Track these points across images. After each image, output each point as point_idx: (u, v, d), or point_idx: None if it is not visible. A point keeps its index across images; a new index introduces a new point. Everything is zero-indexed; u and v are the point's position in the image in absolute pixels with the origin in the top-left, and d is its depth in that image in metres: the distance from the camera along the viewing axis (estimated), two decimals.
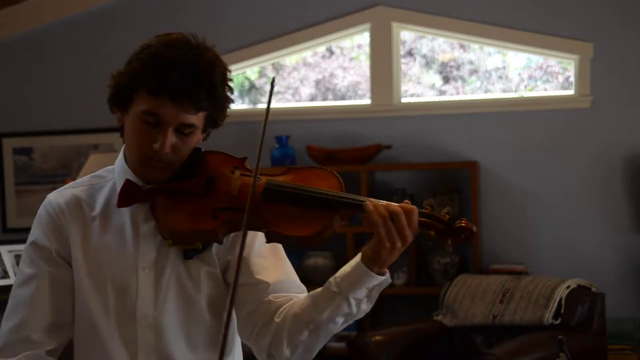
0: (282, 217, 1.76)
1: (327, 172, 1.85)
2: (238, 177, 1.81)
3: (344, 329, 5.49)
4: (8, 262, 4.80)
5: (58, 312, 1.82)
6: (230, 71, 1.83)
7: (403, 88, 5.39)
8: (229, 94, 1.82)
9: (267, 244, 1.84)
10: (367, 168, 5.03)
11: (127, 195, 1.82)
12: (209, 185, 1.81)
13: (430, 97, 5.44)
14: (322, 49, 5.62)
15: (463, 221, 1.78)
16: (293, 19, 5.37)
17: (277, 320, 1.80)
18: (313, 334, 1.78)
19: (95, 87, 5.70)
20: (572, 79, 5.18)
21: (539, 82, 5.34)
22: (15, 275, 1.90)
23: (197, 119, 1.78)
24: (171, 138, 1.76)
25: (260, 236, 1.84)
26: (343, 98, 5.59)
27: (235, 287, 1.62)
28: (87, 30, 5.71)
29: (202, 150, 1.87)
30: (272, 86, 1.76)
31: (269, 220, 1.75)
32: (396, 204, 1.73)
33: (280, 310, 1.82)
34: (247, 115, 5.43)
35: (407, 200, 1.76)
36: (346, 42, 5.60)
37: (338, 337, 5.05)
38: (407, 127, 5.22)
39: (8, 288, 4.44)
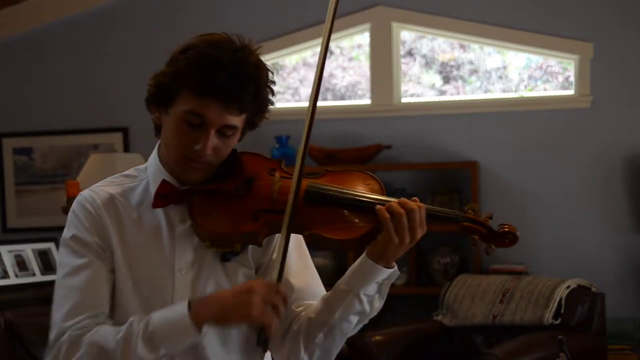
0: (324, 220, 1.75)
1: (367, 175, 1.85)
2: (279, 179, 1.80)
3: None
4: (8, 262, 4.80)
5: (108, 303, 1.79)
6: (273, 73, 1.82)
7: (403, 88, 5.39)
8: (271, 96, 1.81)
9: (295, 247, 1.84)
10: (367, 168, 5.03)
11: (163, 195, 1.79)
12: (249, 187, 1.79)
13: (430, 97, 5.44)
14: None
15: (506, 226, 1.80)
16: (293, 19, 5.37)
17: (294, 327, 1.81)
18: (328, 336, 1.78)
19: (95, 87, 5.72)
20: (572, 79, 5.18)
21: (539, 82, 5.34)
22: (20, 281, 1.86)
23: (239, 120, 1.77)
24: (213, 140, 1.75)
25: (293, 238, 1.82)
26: (343, 98, 5.59)
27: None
28: (87, 30, 5.71)
29: (238, 151, 1.86)
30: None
31: (309, 223, 1.74)
32: (411, 202, 1.74)
33: (298, 317, 1.82)
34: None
35: (415, 198, 1.77)
36: (346, 42, 5.60)
37: None
38: (407, 127, 5.23)
39: (8, 288, 4.44)
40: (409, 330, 4.54)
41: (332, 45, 5.59)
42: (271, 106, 1.83)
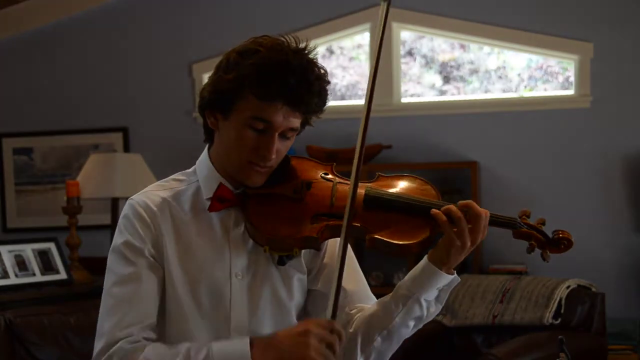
0: (384, 225, 1.74)
1: (422, 180, 1.86)
2: (336, 183, 1.80)
3: None
4: (8, 262, 4.80)
5: (157, 312, 1.77)
6: (327, 73, 1.81)
7: (403, 88, 5.39)
8: (329, 96, 1.82)
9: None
10: (367, 168, 5.03)
11: (221, 199, 1.78)
12: (307, 190, 1.79)
13: (430, 97, 5.44)
14: (322, 49, 5.62)
15: (561, 232, 1.84)
16: (293, 19, 5.37)
17: (350, 330, 1.80)
18: (386, 340, 1.79)
19: (95, 87, 5.72)
20: (572, 79, 5.18)
21: (539, 82, 5.34)
22: (20, 281, 1.84)
23: (299, 122, 1.78)
24: (277, 143, 1.75)
25: (340, 243, 1.83)
26: (343, 98, 5.59)
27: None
28: (87, 30, 5.71)
29: (289, 155, 1.86)
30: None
31: (369, 228, 1.73)
32: (475, 206, 1.74)
33: (353, 320, 1.82)
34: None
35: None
36: (346, 42, 5.60)
37: None
38: (407, 127, 5.23)
39: (8, 288, 4.44)
40: None
41: (332, 45, 5.59)
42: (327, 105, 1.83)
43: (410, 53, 5.49)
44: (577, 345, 3.99)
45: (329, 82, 1.79)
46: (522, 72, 5.36)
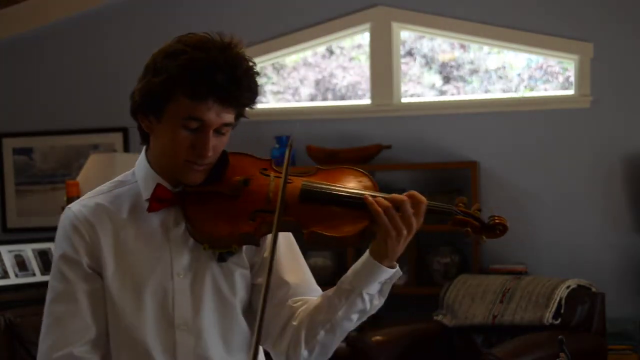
0: (320, 218, 1.75)
1: (360, 172, 1.86)
2: (273, 179, 1.80)
3: None
4: (8, 262, 4.80)
5: (99, 324, 1.79)
6: (256, 64, 1.82)
7: (403, 88, 5.39)
8: (259, 88, 1.83)
9: (286, 245, 1.85)
10: (367, 168, 5.02)
11: (159, 199, 1.80)
12: (245, 187, 1.79)
13: (430, 97, 5.44)
14: (322, 49, 5.62)
15: (496, 217, 1.84)
16: (293, 19, 5.37)
17: (294, 323, 1.82)
18: (330, 333, 1.80)
19: (95, 87, 5.72)
20: (572, 79, 5.18)
21: (539, 82, 5.34)
22: (20, 281, 1.88)
23: (233, 117, 1.79)
24: (212, 140, 1.76)
25: (283, 237, 1.84)
26: (343, 98, 5.59)
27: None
28: (87, 30, 5.71)
29: (227, 152, 1.86)
30: (290, 147, 1.75)
31: (306, 222, 1.75)
32: (403, 195, 1.75)
33: (297, 313, 1.83)
34: (249, 115, 5.42)
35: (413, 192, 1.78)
36: (346, 42, 5.60)
37: None
38: (407, 127, 5.22)
39: (8, 288, 4.44)
40: (409, 330, 4.54)
41: (332, 45, 5.59)
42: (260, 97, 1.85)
43: (410, 53, 5.49)
44: (577, 345, 3.99)
45: (258, 74, 1.80)
46: (522, 72, 5.36)
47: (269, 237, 1.78)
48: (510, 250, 5.06)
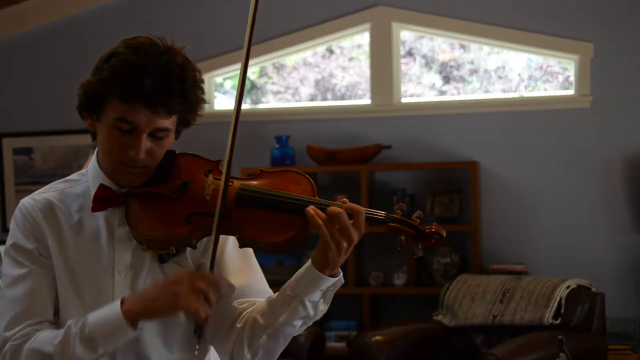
0: (255, 222, 1.75)
1: (300, 176, 1.84)
2: (211, 182, 1.80)
3: (344, 329, 5.45)
4: None
5: (52, 306, 1.82)
6: (200, 72, 1.82)
7: (403, 88, 5.39)
8: (201, 95, 1.82)
9: (236, 247, 1.84)
10: (367, 168, 5.03)
11: (102, 199, 1.82)
12: (184, 190, 1.80)
13: (430, 97, 5.44)
14: (322, 49, 5.62)
15: (433, 226, 1.79)
16: (293, 19, 5.37)
17: (238, 325, 1.82)
18: (272, 338, 1.80)
19: None
20: (572, 79, 5.18)
21: (539, 82, 5.34)
22: None
23: (170, 122, 1.78)
24: (146, 143, 1.76)
25: (232, 240, 1.85)
26: (343, 98, 5.59)
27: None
28: (87, 30, 5.71)
29: (177, 152, 1.86)
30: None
31: (241, 226, 1.75)
32: (340, 206, 1.72)
33: (242, 315, 1.84)
34: (248, 115, 5.43)
35: (344, 199, 1.76)
36: (346, 42, 5.60)
37: (338, 337, 5.05)
38: (407, 127, 5.22)
39: None
40: (409, 330, 4.54)
41: (332, 45, 5.59)
42: (205, 104, 1.85)
43: (410, 53, 5.49)
44: (577, 345, 3.99)
45: (197, 81, 1.80)
46: (522, 72, 5.36)
47: (221, 237, 1.79)
48: (510, 250, 5.06)
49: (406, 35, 5.44)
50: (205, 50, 5.37)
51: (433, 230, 1.78)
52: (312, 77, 5.64)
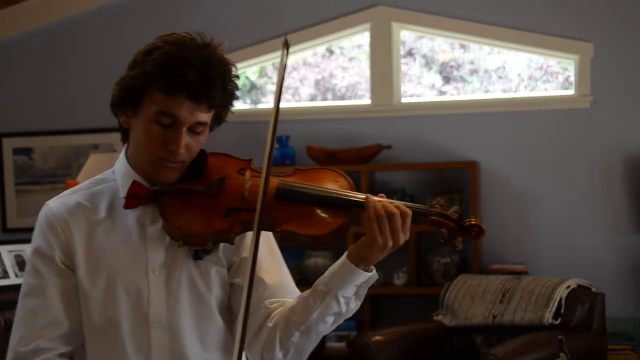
0: (295, 216, 1.77)
1: (336, 173, 1.87)
2: (249, 178, 1.81)
3: (344, 329, 5.44)
4: (8, 262, 4.80)
5: (71, 319, 1.81)
6: (237, 68, 1.84)
7: (403, 88, 5.39)
8: (237, 90, 1.84)
9: (266, 246, 1.86)
10: (367, 168, 5.03)
11: (135, 196, 1.81)
12: (220, 185, 1.81)
13: (430, 97, 5.44)
14: (322, 49, 5.62)
15: (472, 219, 1.84)
16: (293, 19, 5.37)
17: (269, 324, 1.82)
18: (304, 335, 1.80)
19: (96, 87, 5.71)
20: (572, 79, 5.18)
21: (539, 82, 5.34)
22: (20, 281, 1.88)
23: (208, 117, 1.79)
24: (186, 137, 1.77)
25: (263, 238, 1.84)
26: (343, 98, 5.59)
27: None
28: (86, 30, 5.71)
29: (207, 151, 1.87)
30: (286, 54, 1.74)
31: (281, 220, 1.76)
32: (394, 205, 1.75)
33: (273, 314, 1.83)
34: (248, 115, 5.43)
35: (382, 194, 1.78)
36: (346, 42, 5.60)
37: (338, 337, 5.05)
38: (407, 127, 5.22)
39: (8, 288, 4.44)
40: (409, 330, 4.54)
41: (332, 45, 5.59)
42: (237, 100, 1.86)
43: (410, 53, 5.49)
44: (577, 345, 3.99)
45: (236, 77, 1.82)
46: (522, 72, 5.36)
47: (249, 237, 1.79)
48: (510, 250, 5.06)
49: (406, 35, 5.44)
50: None
51: (473, 223, 1.83)
52: (312, 77, 5.64)
